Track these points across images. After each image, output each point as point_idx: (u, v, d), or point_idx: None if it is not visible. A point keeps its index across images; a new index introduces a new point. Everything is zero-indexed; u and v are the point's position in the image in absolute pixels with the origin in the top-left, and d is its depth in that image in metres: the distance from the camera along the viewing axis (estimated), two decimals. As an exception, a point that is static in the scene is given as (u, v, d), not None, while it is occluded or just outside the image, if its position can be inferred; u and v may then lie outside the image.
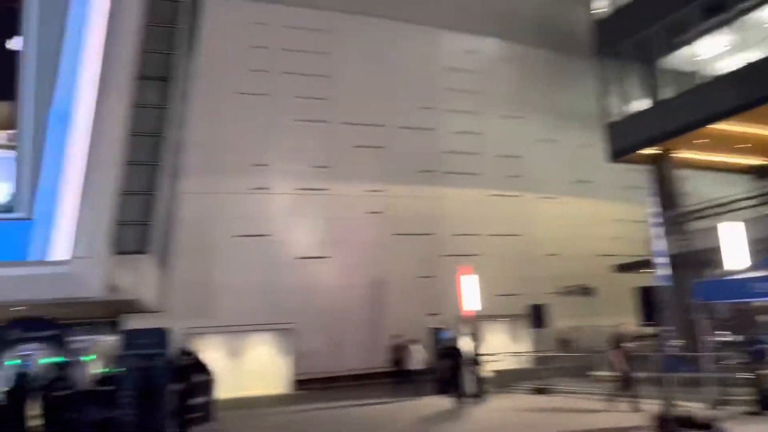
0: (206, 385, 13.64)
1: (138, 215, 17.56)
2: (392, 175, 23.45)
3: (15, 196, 15.25)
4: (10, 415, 9.19)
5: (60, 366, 12.13)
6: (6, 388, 10.32)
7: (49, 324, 11.59)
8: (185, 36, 19.62)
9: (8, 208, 15.29)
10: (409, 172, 23.75)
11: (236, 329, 20.45)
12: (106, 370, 18.05)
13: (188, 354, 13.86)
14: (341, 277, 21.85)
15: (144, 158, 18.03)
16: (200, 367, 13.87)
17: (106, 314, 18.73)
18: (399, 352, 18.93)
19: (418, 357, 18.48)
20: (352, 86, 23.22)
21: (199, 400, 12.69)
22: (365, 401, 17.03)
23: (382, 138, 23.48)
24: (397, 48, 24.34)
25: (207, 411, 13.45)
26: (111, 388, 12.42)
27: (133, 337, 12.41)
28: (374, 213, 22.88)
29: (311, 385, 20.38)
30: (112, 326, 19.05)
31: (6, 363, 17.47)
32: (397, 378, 18.74)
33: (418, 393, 17.43)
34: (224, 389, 15.71)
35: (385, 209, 23.06)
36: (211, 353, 17.61)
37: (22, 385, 10.75)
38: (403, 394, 17.59)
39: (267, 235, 21.32)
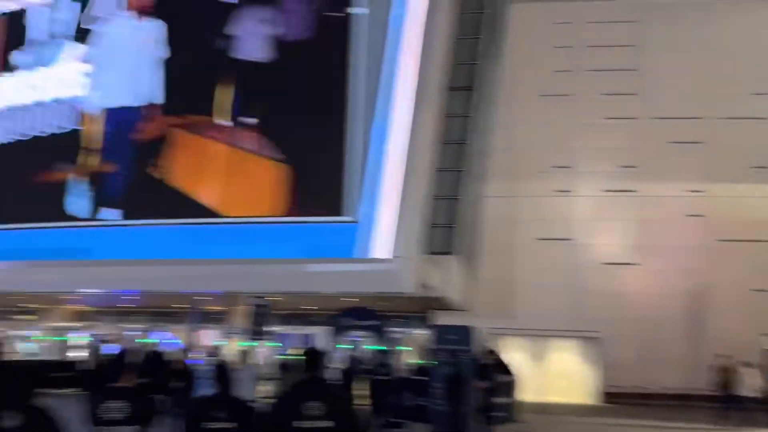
0: (509, 386, 13.73)
1: (446, 218, 18.67)
2: (715, 173, 20.64)
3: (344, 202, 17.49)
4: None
5: (382, 353, 13.47)
6: (341, 368, 11.85)
7: (373, 315, 13.00)
8: (490, 45, 20.27)
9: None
10: (738, 169, 20.60)
11: (538, 333, 20.26)
12: (419, 361, 19.55)
13: (493, 353, 14.13)
14: (654, 286, 20.02)
15: (451, 165, 19.11)
16: (504, 368, 14.03)
17: (417, 309, 20.30)
18: (726, 374, 16.51)
19: (752, 382, 15.90)
20: (664, 78, 21.10)
21: (503, 400, 12.82)
22: (683, 425, 15.32)
23: (702, 132, 20.82)
24: (720, 29, 21.32)
25: (510, 411, 13.54)
26: (423, 378, 13.36)
27: (442, 333, 13.10)
28: (693, 216, 20.46)
29: (620, 399, 19.07)
30: (422, 321, 20.57)
31: (339, 346, 20.18)
32: (723, 403, 16.40)
33: (750, 424, 15.02)
34: (526, 392, 15.69)
35: (706, 211, 20.42)
36: (513, 354, 17.73)
37: (354, 368, 12.22)
38: (731, 422, 15.34)
39: (570, 239, 20.68)
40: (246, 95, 19.13)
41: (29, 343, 26.54)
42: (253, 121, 18.84)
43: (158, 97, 20.06)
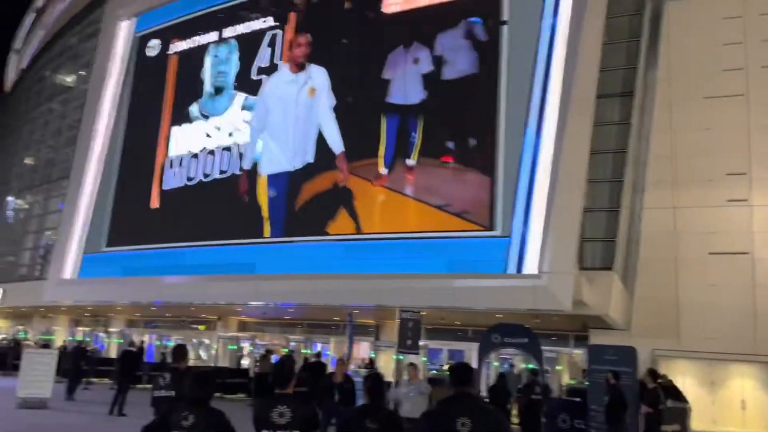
0: (681, 413, 12.72)
1: (601, 232, 17.78)
2: None
3: (495, 216, 17.29)
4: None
5: (534, 372, 13.11)
6: (489, 386, 11.72)
7: (524, 331, 12.68)
8: (645, 48, 19.13)
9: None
10: None
11: (709, 356, 18.48)
12: (573, 381, 18.75)
13: (662, 377, 13.18)
14: None
15: (605, 175, 18.20)
16: (675, 393, 13.03)
17: (571, 328, 19.48)
18: None
19: None
20: None
21: (673, 427, 11.90)
22: None
23: None
24: None
25: (680, 441, 12.53)
26: (579, 399, 12.78)
27: (599, 353, 12.51)
28: None
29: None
30: (577, 340, 19.70)
31: (491, 364, 19.92)
32: None
33: None
34: (696, 421, 14.40)
35: None
36: (680, 379, 16.38)
37: (503, 386, 12.04)
38: None
39: (745, 253, 18.69)
40: (402, 135, 19.54)
41: (204, 350, 29.24)
42: (412, 162, 19.12)
43: (337, 145, 20.67)
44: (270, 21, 23.72)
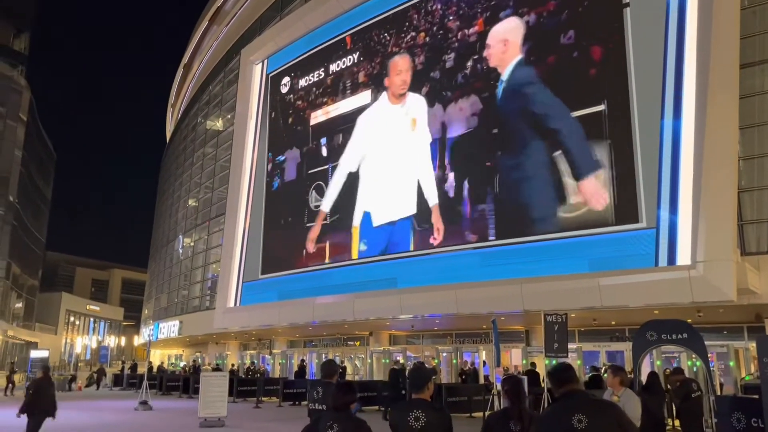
0: None
1: (766, 212, 16.19)
2: None
3: (638, 207, 16.34)
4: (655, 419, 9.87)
5: (677, 371, 12.19)
6: (644, 385, 11.07)
7: (683, 326, 11.83)
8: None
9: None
10: None
11: None
12: (748, 377, 17.16)
13: None
14: None
15: (763, 150, 16.61)
16: None
17: (743, 319, 17.88)
18: None
19: None
20: None
21: None
22: None
23: None
24: None
25: None
26: (755, 397, 11.67)
27: (772, 344, 11.34)
28: None
29: None
30: (751, 332, 18.01)
31: (654, 363, 18.74)
32: None
33: None
34: None
35: None
36: None
37: (657, 385, 11.31)
38: None
39: None
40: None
41: (360, 365, 30.29)
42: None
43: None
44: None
